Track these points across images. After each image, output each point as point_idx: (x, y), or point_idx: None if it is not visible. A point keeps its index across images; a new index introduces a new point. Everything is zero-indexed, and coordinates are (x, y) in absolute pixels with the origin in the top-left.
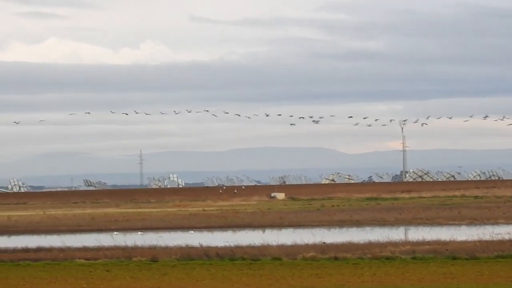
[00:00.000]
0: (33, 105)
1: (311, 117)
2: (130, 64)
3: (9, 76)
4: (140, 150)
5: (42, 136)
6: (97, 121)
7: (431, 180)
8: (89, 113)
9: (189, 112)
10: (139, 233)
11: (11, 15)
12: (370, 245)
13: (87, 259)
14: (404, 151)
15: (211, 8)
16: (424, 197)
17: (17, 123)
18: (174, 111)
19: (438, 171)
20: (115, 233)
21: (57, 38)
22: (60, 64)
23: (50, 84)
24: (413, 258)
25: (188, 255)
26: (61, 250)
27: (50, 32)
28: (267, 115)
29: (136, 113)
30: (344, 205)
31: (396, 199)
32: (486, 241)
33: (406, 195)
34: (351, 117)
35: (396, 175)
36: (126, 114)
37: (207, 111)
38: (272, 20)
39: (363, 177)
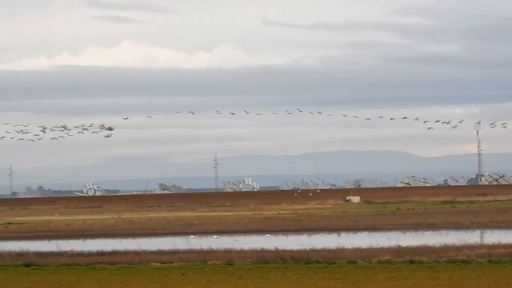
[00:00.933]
0: (108, 109)
1: (392, 118)
2: (204, 68)
3: (84, 80)
4: (215, 154)
5: (117, 140)
6: (172, 125)
7: (506, 183)
8: (162, 117)
9: (263, 115)
10: (215, 236)
11: (86, 19)
12: (445, 248)
13: (162, 263)
14: (479, 154)
15: (285, 12)
16: (500, 200)
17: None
18: (248, 114)
19: None
20: (191, 236)
21: (132, 42)
22: (134, 68)
23: (125, 88)
24: (489, 261)
25: (263, 259)
26: (136, 253)
27: (124, 36)
28: (344, 116)
29: (211, 117)
30: (419, 209)
31: (471, 202)
32: None
33: (481, 199)
34: (427, 121)
35: (472, 178)
36: (200, 118)
37: (287, 112)
38: (346, 24)
39: (438, 180)
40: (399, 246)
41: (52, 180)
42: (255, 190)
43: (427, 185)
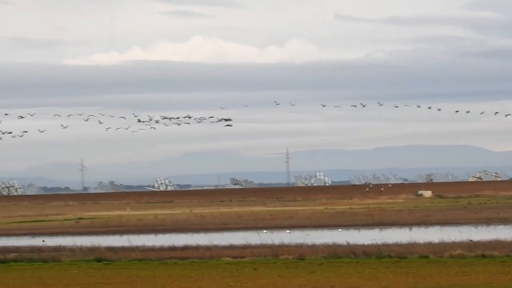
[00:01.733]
0: (179, 104)
1: (468, 111)
2: (276, 63)
3: (155, 75)
4: (287, 149)
5: (189, 134)
6: (244, 120)
7: None
8: (233, 112)
9: (335, 110)
10: (287, 231)
11: (157, 15)
12: None
13: (234, 257)
14: None
15: (356, 6)
16: None
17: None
18: (320, 108)
19: None
20: (264, 231)
21: (203, 37)
22: (205, 63)
23: (196, 83)
24: None
25: (335, 253)
26: (208, 248)
27: (195, 31)
28: (417, 109)
29: (282, 112)
30: (491, 203)
31: None
32: None
33: None
34: (497, 112)
35: None
36: (272, 112)
37: (360, 106)
38: (417, 18)
39: (510, 174)
40: (471, 240)
41: (123, 175)
42: (327, 184)
43: (499, 179)
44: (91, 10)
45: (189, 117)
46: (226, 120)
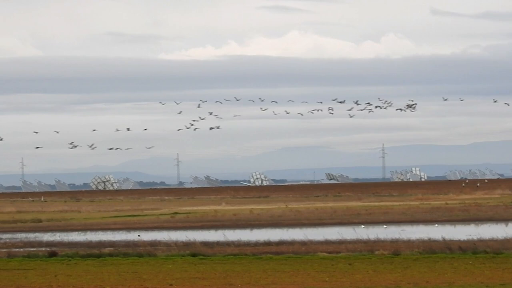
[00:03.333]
0: (275, 99)
1: None
2: (372, 58)
3: (252, 70)
4: (383, 144)
5: (285, 130)
6: (339, 115)
7: None
8: (331, 107)
9: (431, 105)
10: (384, 226)
11: (253, 9)
12: None
13: (329, 253)
14: None
15: (453, 1)
16: None
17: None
18: (416, 104)
19: None
20: (362, 226)
21: (299, 32)
22: (301, 58)
23: (292, 78)
24: None
25: (430, 249)
26: (303, 243)
27: (292, 26)
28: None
29: (378, 106)
30: None
31: None
32: None
33: None
34: None
35: None
36: (371, 108)
37: (456, 101)
38: None
39: None
40: None
41: (219, 169)
42: (423, 180)
43: None
44: (187, 5)
45: (287, 113)
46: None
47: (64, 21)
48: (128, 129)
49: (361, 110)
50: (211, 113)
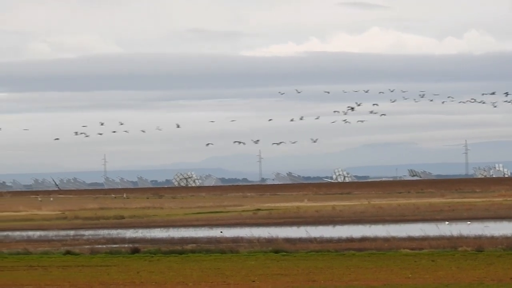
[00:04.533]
0: (356, 95)
1: None
2: (455, 54)
3: (333, 66)
4: (465, 140)
5: (367, 126)
6: (422, 111)
7: None
8: (415, 101)
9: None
10: (467, 222)
11: (334, 6)
12: None
13: (412, 249)
14: None
15: None
16: None
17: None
18: (499, 100)
19: None
20: (446, 223)
21: (380, 28)
22: (383, 55)
23: (373, 74)
24: None
25: None
26: (386, 240)
27: (373, 22)
28: None
29: (461, 103)
30: None
31: None
32: None
33: None
34: None
35: None
36: (451, 104)
37: None
38: None
39: None
40: None
41: (301, 166)
42: (506, 176)
43: None
44: (269, 2)
45: (373, 113)
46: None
47: (146, 17)
48: (209, 125)
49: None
50: (292, 110)
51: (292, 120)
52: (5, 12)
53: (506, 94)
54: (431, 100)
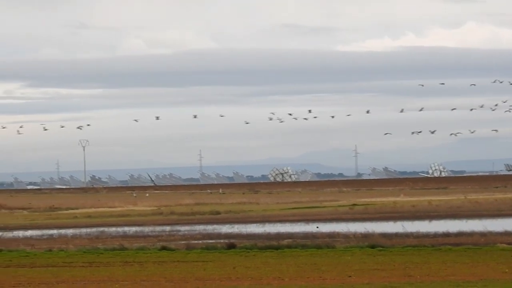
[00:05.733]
0: (453, 90)
1: None
2: None
3: (429, 61)
4: None
5: (464, 120)
6: None
7: None
8: (507, 97)
9: None
10: None
11: (430, 1)
12: None
13: (508, 244)
14: None
15: None
16: None
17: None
18: None
19: None
20: None
21: (476, 22)
22: (479, 49)
23: (470, 69)
24: None
25: None
26: (483, 234)
27: (468, 16)
28: None
29: None
30: None
31: None
32: None
33: None
34: None
35: None
36: None
37: None
38: None
39: None
40: None
41: (397, 161)
42: None
43: None
44: None
45: (475, 108)
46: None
47: (240, 13)
48: (306, 120)
49: None
50: (388, 104)
51: (397, 112)
52: (100, 8)
53: None
54: None
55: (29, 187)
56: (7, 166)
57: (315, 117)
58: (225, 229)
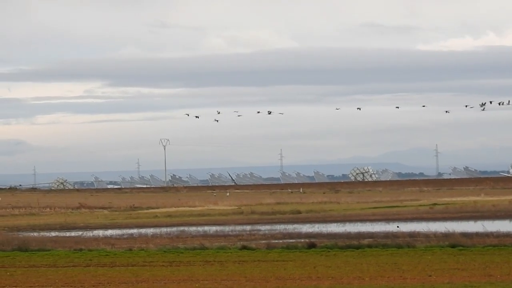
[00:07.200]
0: None
1: None
2: None
3: (510, 60)
4: None
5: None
6: None
7: None
8: None
9: None
10: None
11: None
12: None
13: None
14: None
15: None
16: None
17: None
18: None
19: None
20: None
21: None
22: None
23: None
24: None
25: None
26: None
27: None
28: None
29: None
30: None
31: None
32: None
33: None
34: None
35: None
36: None
37: None
38: None
39: None
40: None
41: (478, 160)
42: None
43: None
44: None
45: None
46: None
47: (320, 12)
48: (388, 119)
49: None
50: (466, 105)
51: (484, 107)
52: (181, 7)
53: None
54: None
55: (110, 186)
56: (88, 165)
57: (397, 116)
58: (306, 228)
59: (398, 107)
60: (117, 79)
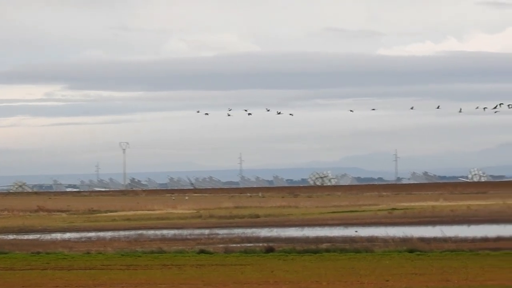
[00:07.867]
0: (495, 95)
1: None
2: None
3: (471, 66)
4: None
5: (504, 125)
6: None
7: None
8: None
9: None
10: None
11: (473, 5)
12: None
13: None
14: None
15: None
16: None
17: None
18: None
19: None
20: None
21: None
22: None
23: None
24: None
25: None
26: None
27: (509, 22)
28: None
29: None
30: None
31: None
32: None
33: None
34: None
35: None
36: None
37: None
38: None
39: None
40: None
41: (437, 165)
42: None
43: None
44: (406, 1)
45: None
46: None
47: (283, 16)
48: (346, 124)
49: None
50: (430, 109)
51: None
52: (143, 10)
53: None
54: None
55: (68, 189)
56: (47, 168)
57: (356, 120)
58: (264, 232)
59: (352, 111)
60: (77, 82)
